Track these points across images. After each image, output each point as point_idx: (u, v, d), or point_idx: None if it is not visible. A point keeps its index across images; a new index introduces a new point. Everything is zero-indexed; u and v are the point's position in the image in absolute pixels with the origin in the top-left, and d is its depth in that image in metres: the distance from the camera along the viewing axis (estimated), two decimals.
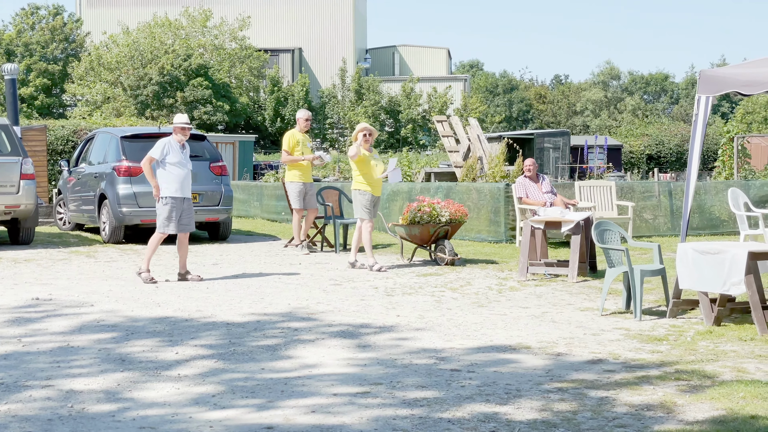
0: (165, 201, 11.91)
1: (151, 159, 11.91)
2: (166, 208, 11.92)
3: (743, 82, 9.21)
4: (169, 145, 11.95)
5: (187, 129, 12.10)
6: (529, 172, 14.33)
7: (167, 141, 11.99)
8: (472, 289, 11.36)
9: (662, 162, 50.57)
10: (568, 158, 36.44)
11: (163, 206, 11.94)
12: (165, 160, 11.87)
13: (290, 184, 15.43)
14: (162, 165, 11.89)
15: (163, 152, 11.87)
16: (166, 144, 11.94)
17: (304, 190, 15.42)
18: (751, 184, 19.76)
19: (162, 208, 11.95)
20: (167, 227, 11.96)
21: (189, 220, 12.11)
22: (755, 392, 6.31)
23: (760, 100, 56.19)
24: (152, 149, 11.99)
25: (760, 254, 8.78)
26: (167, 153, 11.88)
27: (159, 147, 11.92)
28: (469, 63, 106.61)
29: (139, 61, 51.65)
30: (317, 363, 7.40)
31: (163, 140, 12.02)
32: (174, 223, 11.95)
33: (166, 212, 11.93)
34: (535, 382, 6.76)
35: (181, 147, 12.03)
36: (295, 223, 15.59)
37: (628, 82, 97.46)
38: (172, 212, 11.92)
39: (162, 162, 11.88)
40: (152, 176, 11.94)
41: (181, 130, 12.04)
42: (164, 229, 11.97)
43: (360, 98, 57.05)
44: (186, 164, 12.02)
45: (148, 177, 12.00)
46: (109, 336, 8.51)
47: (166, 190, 11.89)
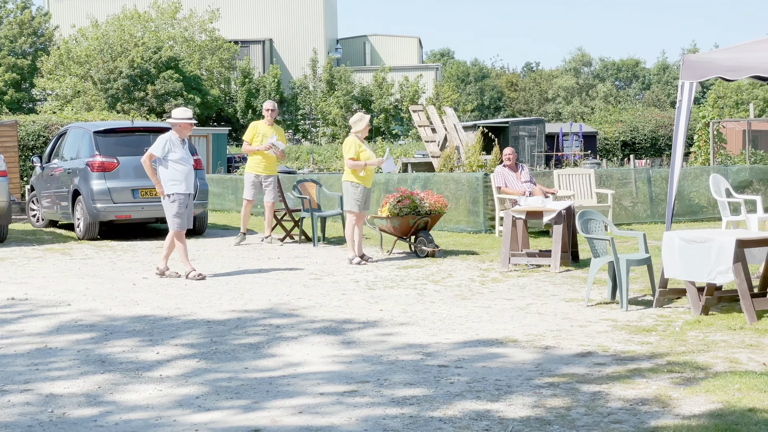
0: (173, 198, 11.62)
1: (151, 156, 11.61)
2: (175, 205, 11.64)
3: (727, 67, 9.11)
4: (171, 142, 11.62)
5: (192, 125, 11.86)
6: (508, 161, 14.22)
7: (168, 137, 11.66)
8: (454, 281, 11.24)
9: (637, 148, 50.67)
10: (543, 146, 36.40)
11: (171, 204, 11.65)
12: (167, 157, 11.57)
13: (245, 174, 15.52)
14: (164, 162, 11.58)
15: (165, 149, 11.56)
16: (167, 141, 11.61)
17: (257, 181, 15.32)
18: (728, 169, 19.76)
19: (170, 206, 11.65)
20: (179, 224, 11.68)
21: (189, 217, 11.88)
22: (750, 384, 6.22)
23: (732, 85, 56.52)
24: (153, 146, 11.67)
25: (747, 242, 8.71)
26: (169, 150, 11.57)
27: (160, 144, 11.60)
28: (440, 52, 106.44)
29: (108, 55, 51.11)
30: (302, 361, 7.26)
31: (163, 137, 11.67)
32: (184, 219, 11.72)
33: (175, 209, 11.64)
34: (525, 377, 6.65)
35: (182, 142, 11.74)
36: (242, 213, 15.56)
37: (599, 69, 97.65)
38: (181, 208, 11.66)
39: (164, 159, 11.57)
40: (153, 173, 11.65)
41: (189, 126, 11.77)
42: (174, 227, 11.69)
43: (332, 89, 56.77)
44: (189, 160, 11.78)
45: (150, 174, 11.70)
46: (88, 336, 8.32)
47: (173, 187, 11.60)
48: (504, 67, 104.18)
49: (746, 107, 54.94)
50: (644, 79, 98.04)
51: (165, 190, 11.65)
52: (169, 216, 11.73)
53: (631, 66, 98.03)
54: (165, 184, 11.65)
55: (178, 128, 11.76)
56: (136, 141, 16.71)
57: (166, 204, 11.73)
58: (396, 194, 13.42)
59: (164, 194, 11.66)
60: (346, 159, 12.94)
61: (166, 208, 11.74)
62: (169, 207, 11.69)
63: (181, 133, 11.75)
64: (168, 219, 11.76)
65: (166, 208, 11.75)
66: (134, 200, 16.24)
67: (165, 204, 11.75)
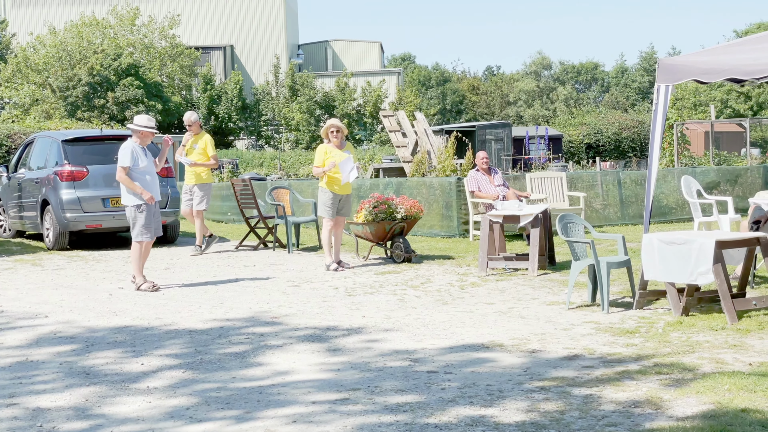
0: (141, 209, 11.38)
1: (125, 169, 11.34)
2: (143, 215, 11.40)
3: (702, 70, 9.19)
4: (135, 151, 11.41)
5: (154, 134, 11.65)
6: (485, 165, 14.26)
7: (131, 146, 11.42)
8: (433, 286, 11.24)
9: (601, 150, 51.05)
10: (510, 150, 36.52)
11: (139, 214, 11.40)
12: (134, 166, 11.36)
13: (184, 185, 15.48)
14: (131, 171, 11.37)
15: (133, 158, 11.35)
16: (132, 149, 11.39)
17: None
18: (694, 171, 19.95)
19: (138, 216, 11.41)
20: (145, 235, 11.44)
21: (158, 225, 11.65)
22: (740, 384, 6.27)
23: (689, 87, 57.10)
24: (121, 158, 11.37)
25: (726, 243, 8.80)
26: (136, 158, 11.37)
27: (127, 155, 11.35)
28: (401, 56, 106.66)
29: (67, 62, 50.68)
30: (289, 369, 7.22)
31: (127, 146, 11.43)
32: (152, 231, 11.49)
33: (144, 219, 11.39)
34: (515, 381, 6.65)
35: (144, 150, 11.54)
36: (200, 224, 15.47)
37: (559, 72, 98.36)
38: (149, 219, 11.44)
39: (132, 168, 11.36)
40: (133, 183, 11.34)
41: (151, 135, 11.57)
42: (142, 237, 11.44)
43: (294, 94, 56.68)
44: (153, 168, 11.57)
45: (130, 186, 11.35)
46: (69, 348, 8.22)
47: (138, 198, 11.36)
48: (465, 71, 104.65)
49: (704, 109, 55.56)
50: (603, 81, 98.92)
51: (133, 201, 11.37)
52: (137, 226, 11.42)
53: (590, 69, 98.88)
54: (132, 195, 11.38)
55: (140, 135, 11.51)
56: (105, 149, 16.56)
57: (133, 214, 11.42)
58: (371, 200, 13.40)
59: (152, 200, 11.41)
60: (313, 167, 12.97)
61: (133, 218, 11.44)
62: (137, 217, 11.40)
63: (142, 141, 11.52)
64: (135, 229, 11.44)
65: (134, 219, 11.44)
66: (105, 209, 16.09)
67: (132, 214, 11.44)
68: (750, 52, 9.06)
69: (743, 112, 59.71)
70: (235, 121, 57.25)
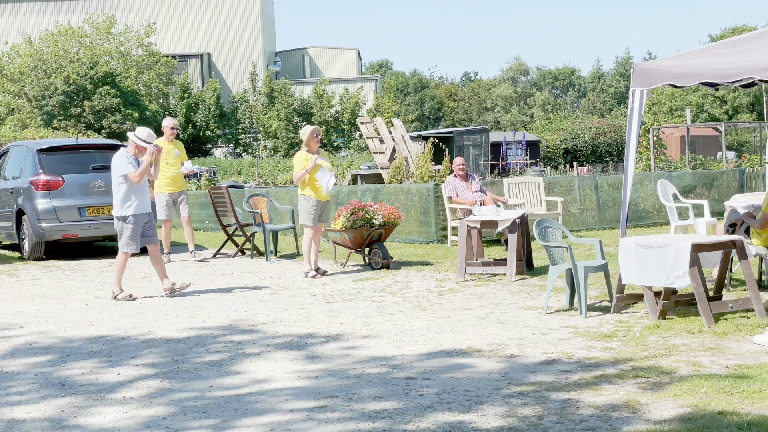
0: (128, 220, 11.29)
1: (131, 175, 11.24)
2: (130, 227, 11.31)
3: (676, 74, 9.23)
4: (132, 160, 11.34)
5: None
6: (462, 171, 14.28)
7: (128, 156, 11.34)
8: (411, 292, 11.23)
9: (578, 155, 51.23)
10: (488, 155, 36.61)
11: (126, 225, 11.31)
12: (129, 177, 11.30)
13: (156, 194, 15.20)
14: (126, 181, 11.28)
15: (129, 165, 11.29)
16: (129, 159, 11.31)
17: (170, 199, 15.24)
18: (670, 175, 20.04)
19: (125, 227, 11.32)
20: (131, 246, 11.36)
21: (153, 232, 11.56)
22: (716, 387, 6.29)
23: (665, 91, 57.44)
24: (123, 167, 11.24)
25: (702, 246, 8.83)
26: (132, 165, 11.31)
27: (126, 163, 11.26)
28: (378, 63, 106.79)
29: (43, 71, 50.39)
30: (267, 377, 7.19)
31: (123, 156, 11.32)
32: (137, 243, 11.40)
33: (130, 231, 11.31)
34: (493, 386, 6.65)
35: (137, 161, 11.42)
36: (164, 234, 15.38)
37: (536, 78, 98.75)
38: (137, 231, 11.35)
39: (126, 178, 11.27)
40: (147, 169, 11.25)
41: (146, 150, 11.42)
42: (128, 249, 11.35)
43: (272, 101, 56.59)
44: (144, 180, 11.49)
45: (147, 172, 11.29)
46: (45, 359, 8.16)
47: (128, 209, 11.26)
48: (443, 78, 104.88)
49: (680, 113, 55.89)
50: (580, 87, 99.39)
51: (122, 212, 11.30)
52: (123, 237, 11.34)
53: (567, 74, 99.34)
54: (121, 206, 11.30)
55: (137, 148, 11.41)
56: (80, 159, 16.47)
57: (120, 225, 11.36)
58: (349, 207, 13.37)
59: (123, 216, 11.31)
60: (293, 173, 12.93)
61: (121, 229, 11.37)
62: (124, 228, 11.32)
63: (138, 154, 11.44)
64: (121, 240, 11.37)
65: (121, 230, 11.37)
66: (81, 218, 15.99)
67: (119, 226, 11.38)
68: (723, 56, 9.12)
69: (719, 116, 60.11)
70: (213, 129, 57.12)
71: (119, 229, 11.43)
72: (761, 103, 54.42)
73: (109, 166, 16.39)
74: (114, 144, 17.76)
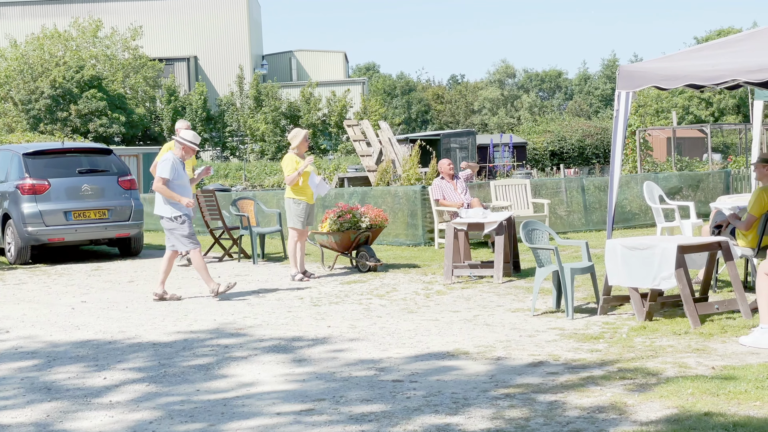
0: (182, 219, 11.28)
1: (164, 180, 11.22)
2: (186, 225, 11.30)
3: (662, 76, 9.25)
4: (176, 164, 11.32)
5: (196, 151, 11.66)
6: (451, 171, 14.29)
7: (174, 159, 11.33)
8: (398, 294, 11.23)
9: (565, 158, 51.34)
10: (475, 158, 36.64)
11: (181, 225, 11.28)
12: (174, 179, 11.25)
13: None
14: (170, 184, 11.24)
15: (173, 171, 11.25)
16: (173, 162, 11.30)
17: None
18: (656, 176, 20.11)
19: (181, 227, 11.27)
20: (194, 243, 11.37)
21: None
22: (702, 388, 6.31)
23: (651, 93, 57.61)
24: (161, 169, 11.24)
25: (688, 247, 8.86)
26: (176, 172, 11.28)
27: (168, 167, 11.24)
28: (365, 66, 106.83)
29: (29, 75, 50.23)
30: (254, 381, 7.18)
31: (169, 158, 11.32)
32: (195, 236, 11.49)
33: (188, 228, 11.32)
34: (480, 389, 6.65)
35: (183, 164, 11.45)
36: None
37: (523, 80, 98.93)
38: (192, 227, 11.40)
39: (171, 181, 11.24)
40: (171, 192, 11.21)
41: (194, 151, 11.55)
42: (193, 245, 11.35)
43: (259, 105, 56.51)
44: (189, 183, 11.56)
45: (168, 195, 11.22)
46: (31, 363, 8.13)
47: (180, 208, 11.27)
48: (430, 80, 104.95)
49: (666, 115, 56.07)
50: (567, 89, 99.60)
51: (172, 213, 11.27)
52: (179, 237, 11.31)
53: (554, 77, 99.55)
54: (170, 206, 11.26)
55: (184, 149, 11.46)
56: (66, 162, 16.42)
57: (174, 226, 11.30)
58: (336, 209, 13.37)
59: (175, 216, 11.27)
60: (285, 176, 12.90)
61: (177, 230, 11.30)
62: (179, 228, 11.29)
63: (185, 156, 11.47)
64: (178, 240, 11.33)
65: (175, 230, 11.30)
66: (67, 222, 15.94)
67: (173, 226, 11.31)
68: (708, 58, 9.15)
69: (704, 118, 60.33)
70: (200, 133, 56.99)
71: (172, 229, 11.35)
72: (746, 105, 54.64)
73: (95, 170, 16.57)
74: (100, 148, 17.72)
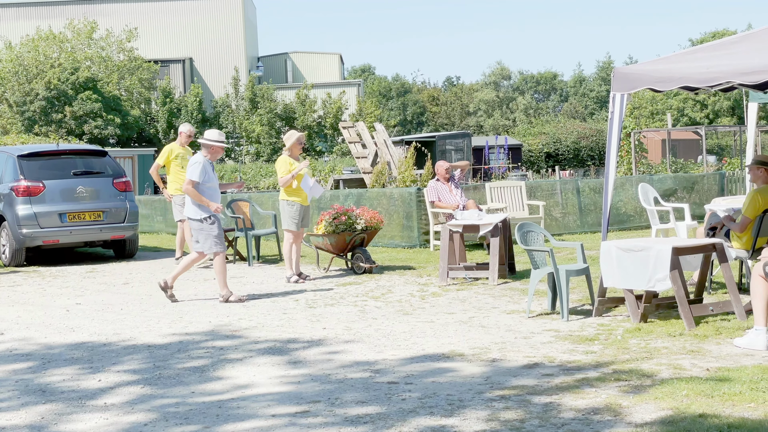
0: (211, 220, 11.23)
1: (194, 183, 11.17)
2: (215, 227, 11.24)
3: (656, 78, 9.27)
4: (206, 166, 11.28)
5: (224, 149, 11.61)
6: (447, 173, 14.29)
7: (204, 161, 11.29)
8: (394, 296, 11.24)
9: (560, 159, 51.37)
10: (470, 160, 36.64)
11: (210, 225, 11.22)
12: (204, 182, 11.21)
13: (176, 197, 15.18)
14: (199, 186, 11.20)
15: (203, 173, 11.21)
16: (204, 164, 11.26)
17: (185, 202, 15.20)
18: (651, 178, 20.13)
19: (210, 228, 11.21)
20: (220, 245, 11.31)
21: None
22: (697, 390, 6.32)
23: (646, 95, 57.67)
24: (191, 172, 11.20)
25: (683, 249, 8.87)
26: (206, 174, 11.23)
27: (198, 169, 11.19)
28: (361, 68, 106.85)
29: (24, 77, 50.17)
30: (249, 383, 7.17)
31: (199, 161, 11.27)
32: (224, 241, 11.45)
33: (216, 230, 11.25)
34: (476, 390, 6.66)
35: (212, 166, 11.42)
36: (182, 236, 15.29)
37: (518, 82, 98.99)
38: (221, 229, 11.36)
39: (201, 183, 11.21)
40: (201, 196, 11.16)
41: (222, 150, 11.49)
42: (219, 248, 11.29)
43: (254, 107, 56.48)
44: (218, 185, 11.50)
45: (197, 199, 11.17)
46: (25, 366, 8.11)
47: (206, 210, 11.22)
48: (425, 82, 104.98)
49: (661, 117, 56.13)
50: (562, 91, 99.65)
51: (202, 214, 11.22)
52: (209, 238, 11.24)
53: (549, 79, 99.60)
54: (199, 207, 11.22)
55: (210, 150, 11.41)
56: (61, 164, 16.40)
57: (203, 227, 11.26)
58: (331, 211, 13.37)
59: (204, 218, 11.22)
60: (278, 178, 12.92)
61: (206, 230, 11.25)
62: (208, 230, 11.23)
63: (213, 156, 11.42)
64: (207, 242, 11.28)
65: (204, 231, 11.26)
66: (62, 224, 15.92)
67: (202, 227, 11.25)
68: (703, 60, 9.16)
69: (699, 120, 60.42)
70: (195, 135, 56.83)
71: (201, 230, 11.31)
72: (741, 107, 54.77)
73: (90, 172, 16.55)
74: (95, 150, 17.69)
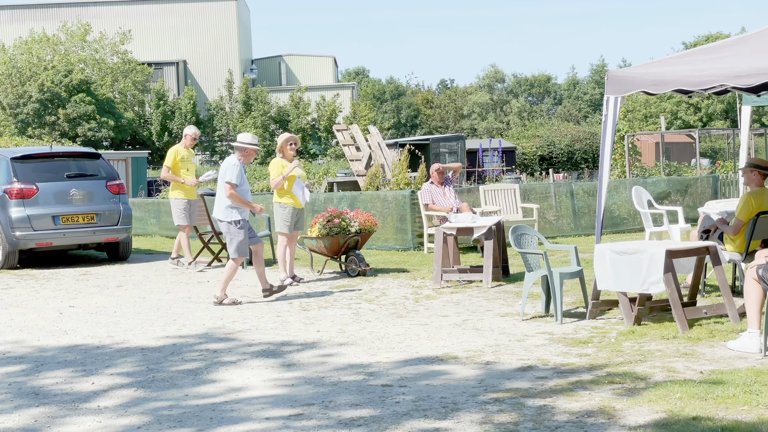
0: (240, 224, 11.22)
1: (233, 185, 11.15)
2: (242, 231, 11.22)
3: (650, 81, 9.29)
4: (241, 168, 11.29)
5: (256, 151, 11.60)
6: (440, 176, 14.30)
7: (238, 164, 11.29)
8: (388, 299, 11.23)
9: (554, 162, 51.41)
10: (464, 162, 36.64)
11: (238, 230, 11.21)
12: (239, 184, 11.21)
13: (174, 200, 15.19)
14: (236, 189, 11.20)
15: (239, 176, 11.20)
16: (238, 167, 11.25)
17: (188, 206, 15.19)
18: (645, 181, 20.16)
19: (237, 233, 11.20)
20: (243, 252, 11.29)
21: (253, 233, 11.51)
22: (691, 392, 6.33)
23: (640, 98, 57.77)
24: (228, 175, 11.17)
25: (676, 252, 8.89)
26: (241, 176, 11.23)
27: (235, 172, 11.18)
28: (355, 70, 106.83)
29: (17, 79, 50.07)
30: (243, 386, 7.17)
31: (234, 164, 11.26)
32: (248, 249, 11.38)
33: (242, 235, 11.22)
34: (470, 393, 6.66)
35: (244, 169, 11.44)
36: (183, 241, 15.27)
37: (512, 85, 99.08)
38: (247, 235, 11.30)
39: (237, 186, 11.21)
40: (243, 199, 11.18)
41: (254, 152, 11.51)
42: (240, 254, 11.26)
43: (248, 109, 56.44)
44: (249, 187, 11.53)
45: (240, 202, 11.17)
46: (18, 368, 8.10)
47: (237, 214, 11.20)
48: (419, 85, 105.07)
49: (655, 120, 56.22)
50: (556, 94, 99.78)
51: (232, 217, 11.19)
52: (234, 243, 11.23)
53: (543, 82, 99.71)
54: (230, 211, 11.20)
55: (244, 153, 11.42)
56: (55, 167, 16.37)
57: (231, 230, 11.24)
58: (325, 214, 13.37)
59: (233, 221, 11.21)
60: (270, 180, 12.93)
61: (233, 235, 11.24)
62: (235, 233, 11.22)
63: (246, 159, 11.42)
64: (232, 246, 11.26)
65: (231, 235, 11.24)
66: (55, 227, 15.88)
67: (230, 230, 11.24)
68: (697, 63, 9.18)
69: (693, 123, 60.53)
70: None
71: (229, 233, 11.29)
72: (735, 110, 54.85)
73: (83, 174, 16.52)
74: (89, 152, 17.66)
